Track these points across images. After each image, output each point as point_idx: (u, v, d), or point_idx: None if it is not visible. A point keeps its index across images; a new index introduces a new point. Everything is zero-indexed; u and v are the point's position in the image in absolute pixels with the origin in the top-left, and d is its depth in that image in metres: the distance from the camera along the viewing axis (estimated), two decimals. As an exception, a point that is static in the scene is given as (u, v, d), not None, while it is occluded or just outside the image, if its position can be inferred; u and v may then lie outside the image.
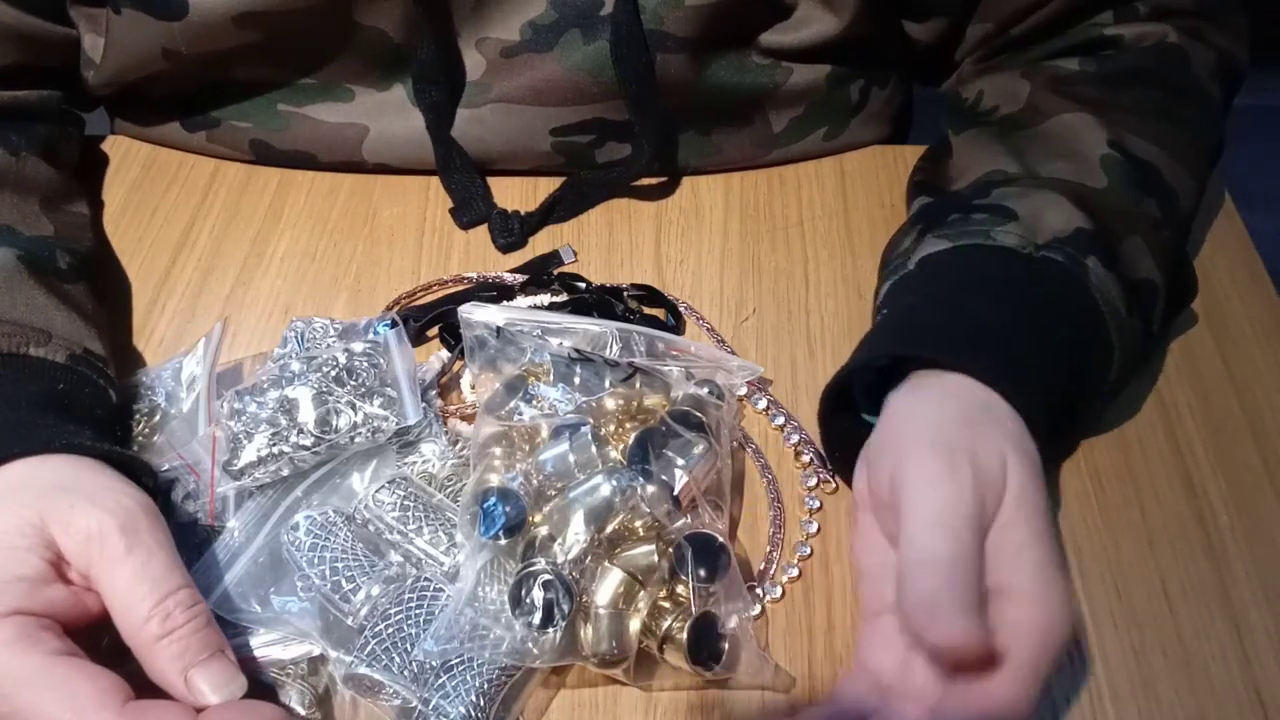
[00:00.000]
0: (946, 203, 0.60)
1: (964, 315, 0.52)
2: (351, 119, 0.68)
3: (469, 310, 0.56)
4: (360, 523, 0.51)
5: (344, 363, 0.54)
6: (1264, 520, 0.54)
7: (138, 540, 0.44)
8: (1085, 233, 0.54)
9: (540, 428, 0.52)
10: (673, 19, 0.62)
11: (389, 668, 0.46)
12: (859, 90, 0.71)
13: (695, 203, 0.70)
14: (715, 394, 0.55)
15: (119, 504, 0.44)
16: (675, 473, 0.50)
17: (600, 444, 0.50)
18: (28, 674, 0.41)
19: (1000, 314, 0.51)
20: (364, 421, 0.52)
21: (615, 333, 0.57)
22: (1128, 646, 0.50)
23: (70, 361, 0.54)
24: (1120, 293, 0.53)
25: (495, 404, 0.54)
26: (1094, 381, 0.53)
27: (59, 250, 0.59)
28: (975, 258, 0.54)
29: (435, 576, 0.49)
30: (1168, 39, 0.62)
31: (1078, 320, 0.52)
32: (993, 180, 0.58)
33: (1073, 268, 0.53)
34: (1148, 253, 0.55)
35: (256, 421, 0.51)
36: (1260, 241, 0.67)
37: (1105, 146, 0.58)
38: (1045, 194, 0.55)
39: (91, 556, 0.43)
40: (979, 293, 0.53)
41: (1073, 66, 0.62)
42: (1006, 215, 0.55)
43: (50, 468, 0.46)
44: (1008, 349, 0.50)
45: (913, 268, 0.56)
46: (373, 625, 0.47)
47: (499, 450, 0.52)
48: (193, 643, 0.43)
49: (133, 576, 0.43)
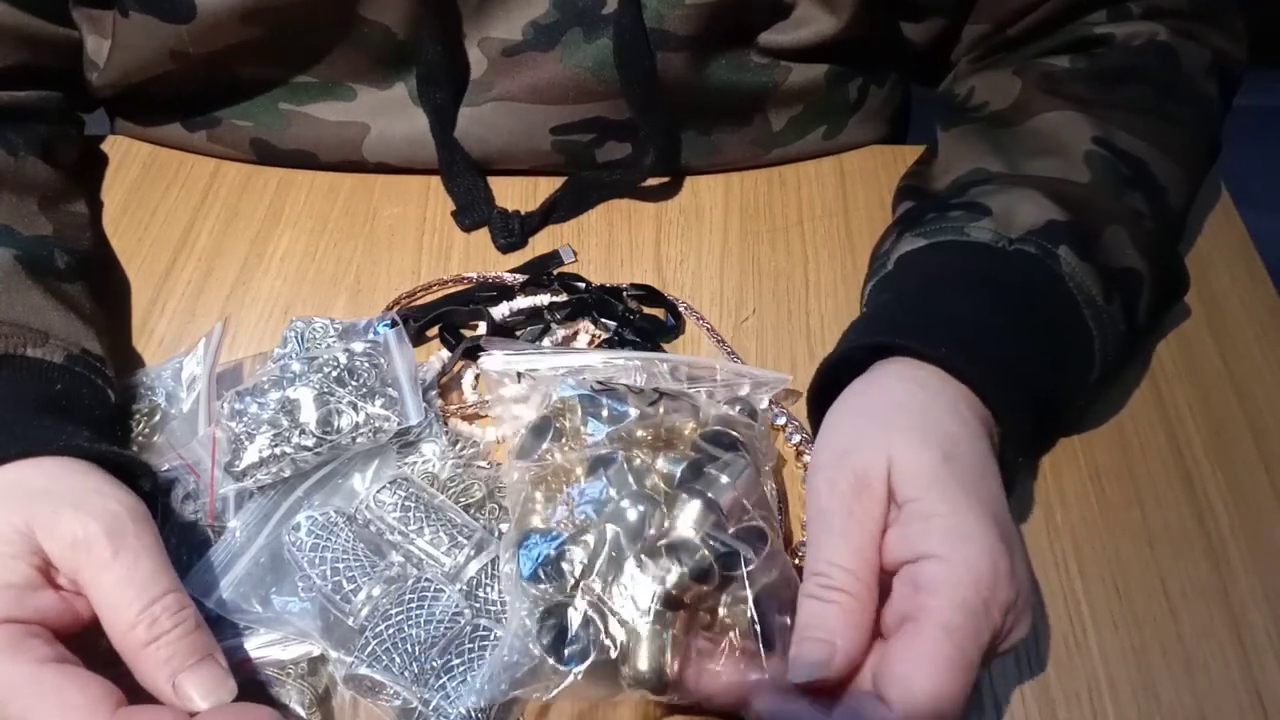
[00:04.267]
0: (925, 204, 0.61)
1: (934, 305, 0.53)
2: (352, 118, 0.68)
3: (487, 362, 0.55)
4: (361, 523, 0.51)
5: (345, 363, 0.54)
6: (1264, 520, 0.54)
7: (124, 545, 0.43)
8: (1057, 224, 0.54)
9: (574, 467, 0.51)
10: (673, 18, 0.62)
11: (389, 668, 0.46)
12: (857, 89, 0.71)
13: (695, 203, 0.70)
14: (747, 412, 0.55)
15: (105, 508, 0.44)
16: (721, 488, 0.49)
17: (637, 474, 0.49)
18: (18, 682, 0.40)
19: (971, 302, 0.52)
20: (365, 422, 0.52)
21: (638, 363, 0.56)
22: (1128, 646, 0.50)
23: (67, 362, 0.53)
24: (1097, 280, 0.53)
25: (526, 450, 0.52)
26: (1076, 368, 0.53)
27: (57, 250, 0.59)
28: (949, 253, 0.55)
29: (436, 577, 0.49)
30: (1158, 37, 0.62)
31: (1050, 306, 0.53)
32: (971, 180, 0.59)
33: (1045, 258, 0.53)
34: (1130, 243, 0.55)
35: (258, 422, 0.51)
36: (1260, 241, 0.67)
37: (1090, 143, 0.58)
38: (1020, 190, 0.56)
39: (78, 562, 0.43)
40: (951, 284, 0.54)
41: (1064, 64, 0.63)
42: (981, 212, 0.56)
43: (39, 471, 0.46)
44: (975, 334, 0.51)
45: (891, 267, 0.57)
46: (373, 626, 0.47)
47: (540, 495, 0.51)
48: (180, 648, 0.42)
49: (119, 582, 0.43)
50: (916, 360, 0.50)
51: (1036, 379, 0.51)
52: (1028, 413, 0.50)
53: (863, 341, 0.51)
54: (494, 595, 0.49)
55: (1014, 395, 0.49)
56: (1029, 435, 0.50)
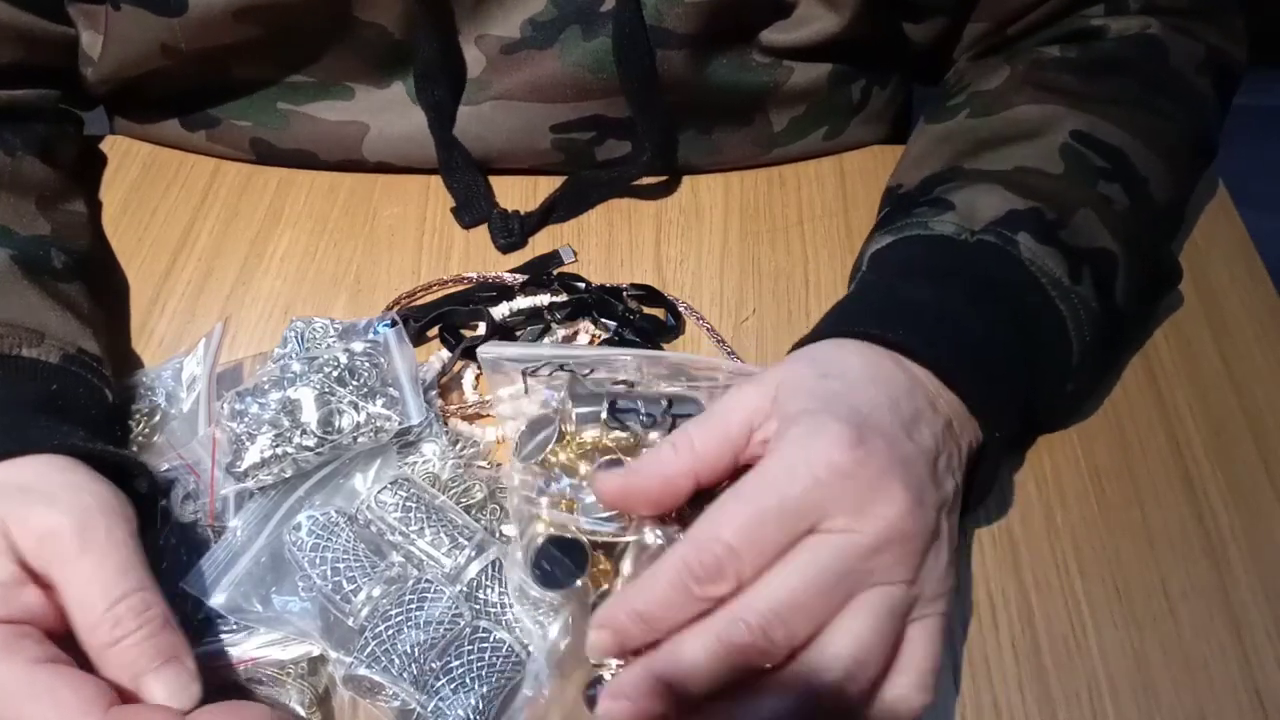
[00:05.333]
0: (896, 206, 0.62)
1: (897, 294, 0.53)
2: (352, 117, 0.68)
3: (488, 350, 0.55)
4: (362, 523, 0.51)
5: (345, 363, 0.54)
6: (1264, 520, 0.54)
7: (91, 540, 0.42)
8: (1017, 213, 0.55)
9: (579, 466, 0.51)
10: (673, 16, 0.62)
11: (388, 669, 0.46)
12: (860, 90, 0.71)
13: (695, 203, 0.70)
14: None
15: (76, 502, 0.43)
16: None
17: None
18: (11, 684, 0.40)
19: (932, 290, 0.53)
20: (366, 421, 0.52)
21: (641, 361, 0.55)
22: (1128, 646, 0.50)
23: (64, 362, 0.53)
24: (1060, 261, 0.54)
25: (528, 452, 0.52)
26: (1052, 351, 0.53)
27: (54, 250, 0.59)
28: (914, 246, 0.56)
29: (436, 578, 0.49)
30: (1148, 31, 0.63)
31: (1013, 292, 0.53)
32: (940, 178, 0.60)
33: (1005, 245, 0.54)
34: (1101, 225, 0.56)
35: (259, 423, 0.51)
36: (1260, 241, 0.67)
37: (1068, 136, 0.59)
38: (983, 185, 0.57)
39: (45, 558, 0.42)
40: (914, 275, 0.54)
41: (1054, 53, 0.63)
42: (945, 206, 0.57)
43: (25, 469, 0.45)
44: (935, 317, 0.51)
45: (865, 265, 0.59)
46: (372, 626, 0.47)
47: (545, 501, 0.50)
48: (145, 650, 0.41)
49: (84, 580, 0.42)
50: (877, 345, 0.50)
51: (1004, 359, 0.51)
52: (997, 388, 0.50)
53: (824, 331, 0.52)
54: (494, 597, 0.49)
55: (978, 373, 0.50)
56: (1003, 411, 0.51)
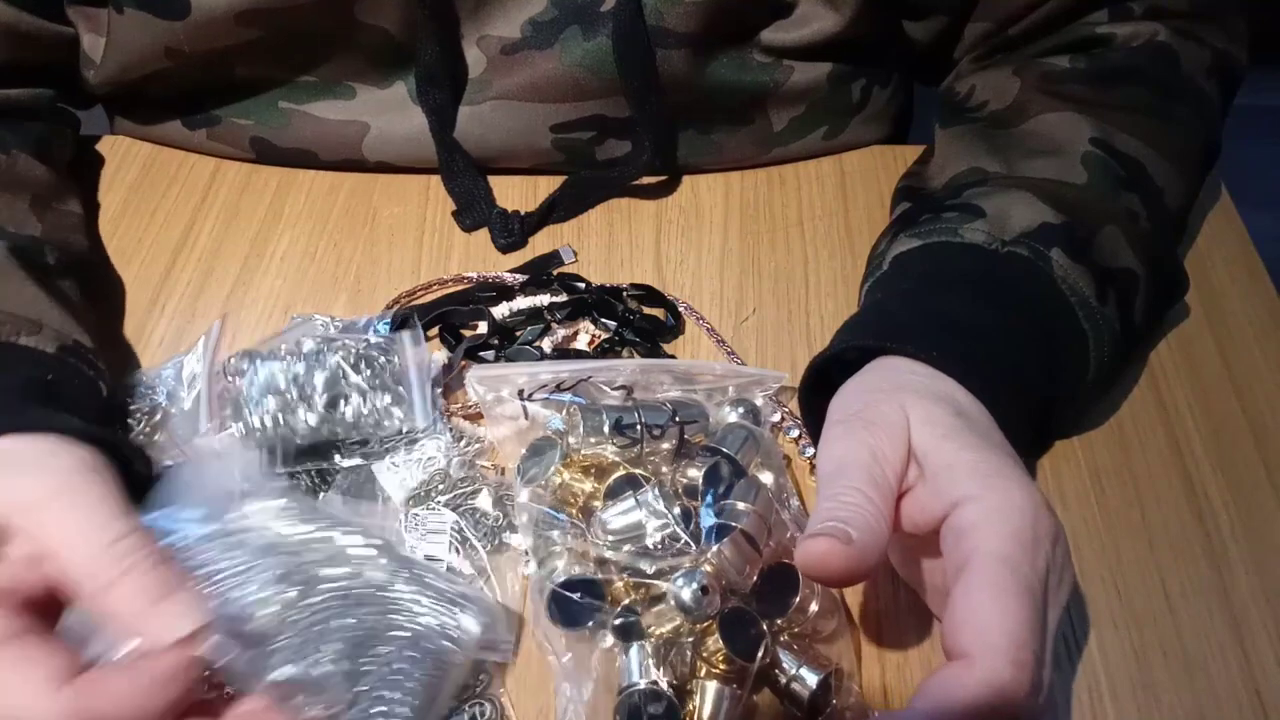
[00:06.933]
0: (921, 205, 0.61)
1: (927, 306, 0.53)
2: (352, 116, 0.68)
3: (478, 374, 0.53)
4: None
5: (361, 351, 0.54)
6: (1264, 520, 0.54)
7: (80, 492, 0.43)
8: (1050, 227, 0.55)
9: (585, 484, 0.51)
10: (673, 15, 0.62)
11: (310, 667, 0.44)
12: (860, 90, 0.71)
13: (695, 202, 0.70)
14: (750, 413, 0.55)
15: (58, 465, 0.44)
16: (740, 514, 0.48)
17: (669, 500, 0.49)
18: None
19: (963, 304, 0.52)
20: (370, 413, 0.52)
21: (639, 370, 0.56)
22: (1128, 646, 0.50)
23: (60, 352, 0.53)
24: (1090, 282, 0.54)
25: (532, 475, 0.51)
26: (1071, 369, 0.53)
27: (47, 248, 0.59)
28: (943, 254, 0.55)
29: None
30: (1158, 38, 0.62)
31: (1043, 308, 0.53)
32: (967, 181, 0.59)
33: (1037, 260, 0.54)
34: (1126, 244, 0.55)
35: (265, 389, 0.51)
36: (1260, 241, 0.67)
37: (1088, 144, 0.58)
38: (1014, 193, 0.56)
39: (29, 521, 0.42)
40: (944, 285, 0.54)
41: (1063, 64, 0.63)
42: (975, 213, 0.56)
43: (9, 445, 0.45)
44: (967, 335, 0.51)
45: (887, 267, 0.58)
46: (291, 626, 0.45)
47: (555, 534, 0.50)
48: (154, 578, 0.41)
49: (78, 526, 0.42)
50: (910, 360, 0.50)
51: (1029, 379, 0.51)
52: (1021, 409, 0.50)
53: (856, 342, 0.51)
54: None
55: (1007, 395, 0.49)
56: (1025, 435, 0.50)
